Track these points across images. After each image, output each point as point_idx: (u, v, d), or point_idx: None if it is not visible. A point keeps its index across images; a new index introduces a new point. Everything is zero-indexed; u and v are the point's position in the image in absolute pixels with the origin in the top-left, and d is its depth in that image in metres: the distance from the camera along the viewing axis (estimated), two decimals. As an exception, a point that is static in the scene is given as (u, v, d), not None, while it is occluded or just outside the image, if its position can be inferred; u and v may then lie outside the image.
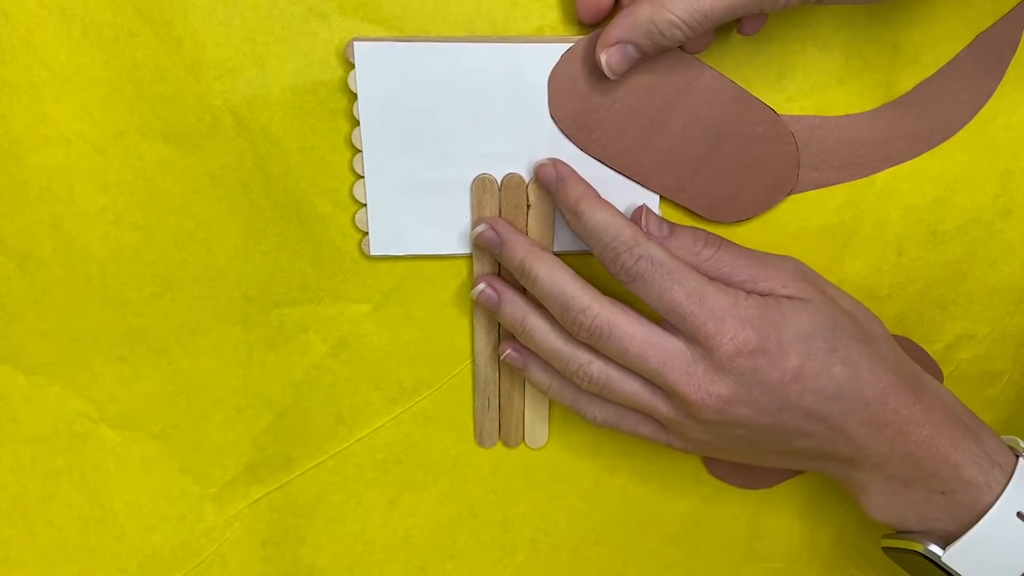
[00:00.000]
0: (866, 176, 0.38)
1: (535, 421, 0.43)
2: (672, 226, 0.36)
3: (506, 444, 0.44)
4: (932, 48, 0.36)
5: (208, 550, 0.44)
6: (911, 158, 0.38)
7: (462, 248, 0.39)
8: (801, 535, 0.47)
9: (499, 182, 0.38)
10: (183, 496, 0.43)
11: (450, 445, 0.44)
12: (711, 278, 0.35)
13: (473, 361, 0.42)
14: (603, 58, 0.34)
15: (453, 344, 0.42)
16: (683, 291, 0.34)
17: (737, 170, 0.37)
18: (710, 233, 0.36)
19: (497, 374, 0.42)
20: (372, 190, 0.38)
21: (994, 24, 0.36)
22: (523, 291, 0.39)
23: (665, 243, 0.35)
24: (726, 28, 0.35)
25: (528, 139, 0.37)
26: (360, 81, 0.35)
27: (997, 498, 0.34)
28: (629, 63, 0.34)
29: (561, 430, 0.44)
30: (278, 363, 0.41)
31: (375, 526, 0.45)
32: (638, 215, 0.36)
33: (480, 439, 0.44)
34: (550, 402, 0.43)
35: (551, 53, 0.36)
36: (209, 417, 0.42)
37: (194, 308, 0.40)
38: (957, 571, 0.35)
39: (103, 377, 0.41)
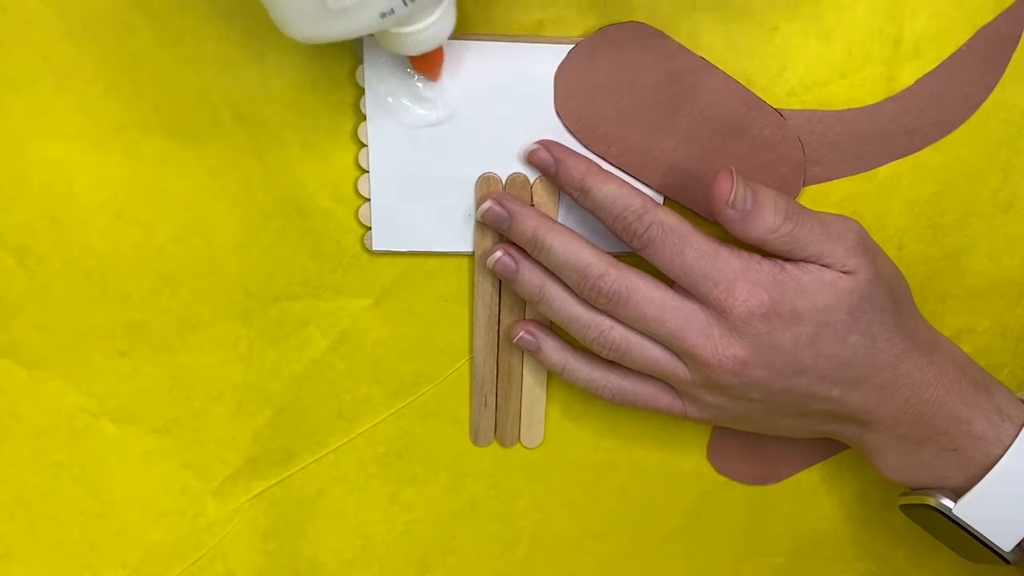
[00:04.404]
0: (867, 170, 0.38)
1: (531, 422, 0.43)
2: (756, 199, 0.34)
3: (501, 444, 0.44)
4: (934, 42, 0.36)
5: (209, 544, 0.44)
6: (912, 152, 0.38)
7: (464, 246, 0.39)
8: (802, 529, 0.47)
9: (503, 181, 0.38)
10: (184, 491, 0.43)
11: (451, 439, 0.44)
12: (777, 256, 0.34)
13: (471, 360, 0.42)
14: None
15: (454, 339, 0.42)
16: (695, 254, 0.34)
17: (742, 173, 0.37)
18: (791, 203, 0.35)
19: (495, 373, 0.42)
20: (376, 185, 0.37)
21: (995, 18, 0.36)
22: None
23: (748, 217, 0.34)
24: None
25: (533, 138, 0.37)
26: (368, 76, 0.35)
27: (1006, 451, 0.35)
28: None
29: (562, 425, 0.44)
30: (278, 357, 0.41)
31: (376, 520, 0.45)
32: (727, 181, 0.34)
33: (476, 438, 0.44)
34: (547, 402, 0.43)
35: (557, 52, 0.35)
36: (210, 412, 0.42)
37: (194, 303, 0.40)
38: (968, 523, 0.36)
39: (103, 372, 0.41)
